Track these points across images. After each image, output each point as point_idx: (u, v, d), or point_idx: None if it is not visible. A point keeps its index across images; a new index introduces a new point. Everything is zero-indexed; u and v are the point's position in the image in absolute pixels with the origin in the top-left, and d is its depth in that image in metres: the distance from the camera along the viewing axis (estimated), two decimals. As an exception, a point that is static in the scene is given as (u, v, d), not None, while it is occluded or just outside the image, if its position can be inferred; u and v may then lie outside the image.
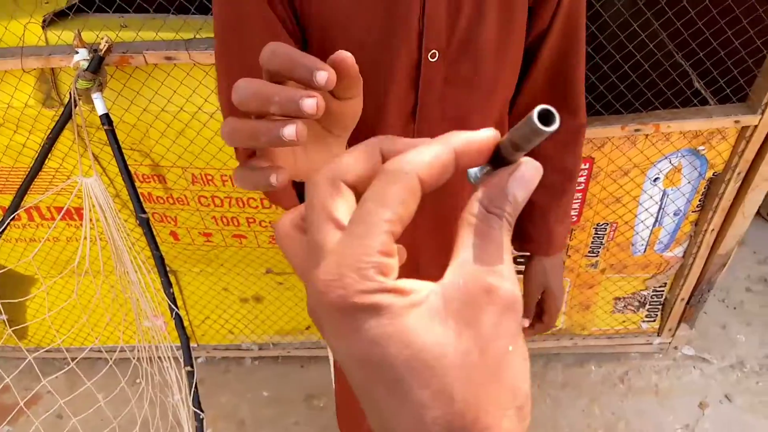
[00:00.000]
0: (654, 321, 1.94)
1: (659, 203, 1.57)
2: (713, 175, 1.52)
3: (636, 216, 1.60)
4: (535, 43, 0.86)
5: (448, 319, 0.25)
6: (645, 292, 1.85)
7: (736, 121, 1.37)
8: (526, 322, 1.08)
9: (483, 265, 0.26)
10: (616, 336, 1.98)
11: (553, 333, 1.96)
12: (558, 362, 2.03)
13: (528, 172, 0.28)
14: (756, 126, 1.38)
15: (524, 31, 0.83)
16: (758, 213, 2.27)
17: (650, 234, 1.65)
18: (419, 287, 0.26)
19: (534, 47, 0.86)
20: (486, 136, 0.29)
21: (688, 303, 1.85)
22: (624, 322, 1.94)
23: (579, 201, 1.55)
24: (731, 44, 1.37)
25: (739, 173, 1.48)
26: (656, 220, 1.62)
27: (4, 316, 1.91)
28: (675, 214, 1.61)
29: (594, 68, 1.42)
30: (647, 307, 1.90)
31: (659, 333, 1.96)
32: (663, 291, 1.85)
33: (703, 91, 1.53)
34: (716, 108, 1.39)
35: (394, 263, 0.26)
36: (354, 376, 0.26)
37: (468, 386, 0.25)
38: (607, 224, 1.62)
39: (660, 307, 1.90)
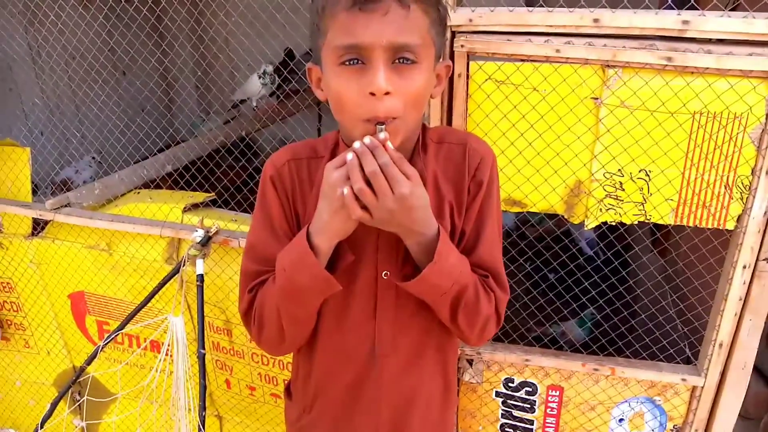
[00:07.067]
0: None
1: (628, 445, 1.76)
2: (674, 427, 1.70)
3: (607, 453, 1.78)
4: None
5: None
6: None
7: (683, 379, 1.61)
8: None
9: None
10: None
11: None
12: None
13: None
14: (702, 387, 1.61)
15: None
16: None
17: (623, 476, 1.80)
18: None
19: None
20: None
21: None
22: None
23: (553, 427, 1.78)
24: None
25: (696, 430, 1.67)
26: (626, 462, 1.78)
27: (83, 423, 2.37)
28: (645, 460, 1.77)
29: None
30: None
31: None
32: None
33: (686, 349, 1.79)
34: (666, 365, 1.65)
35: None
36: None
37: None
38: (580, 455, 1.80)
39: None
